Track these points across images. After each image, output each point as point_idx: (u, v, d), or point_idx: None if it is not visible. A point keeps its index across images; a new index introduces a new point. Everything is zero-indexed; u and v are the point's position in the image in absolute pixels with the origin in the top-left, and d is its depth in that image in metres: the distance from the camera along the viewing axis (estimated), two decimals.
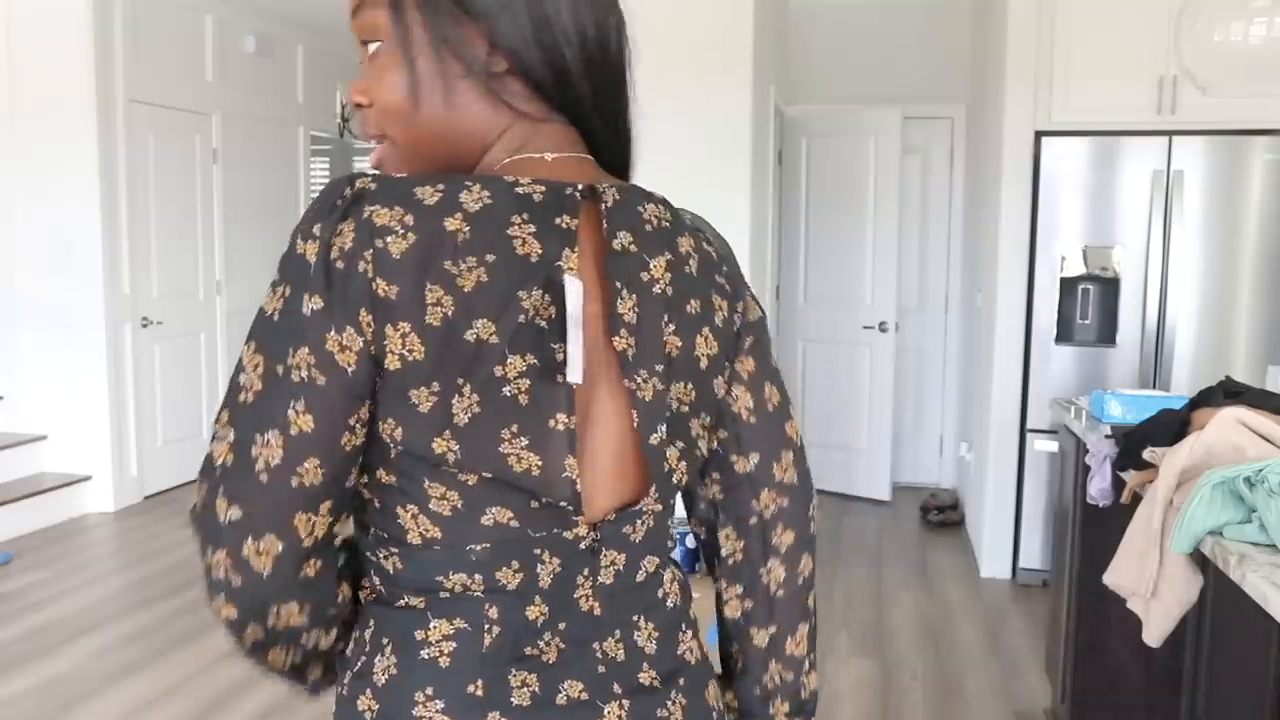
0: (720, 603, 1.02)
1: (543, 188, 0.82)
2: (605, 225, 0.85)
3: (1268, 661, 1.78)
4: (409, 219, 0.77)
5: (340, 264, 0.76)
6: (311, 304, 0.77)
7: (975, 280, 5.35)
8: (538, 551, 0.83)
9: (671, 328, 0.87)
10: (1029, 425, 4.41)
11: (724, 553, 1.01)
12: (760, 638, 1.00)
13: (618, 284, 0.84)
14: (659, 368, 0.86)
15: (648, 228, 0.88)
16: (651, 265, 0.87)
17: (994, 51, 4.75)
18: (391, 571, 0.85)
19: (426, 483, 0.81)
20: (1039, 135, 4.29)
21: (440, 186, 0.79)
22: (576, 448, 0.81)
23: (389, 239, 0.76)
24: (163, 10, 5.58)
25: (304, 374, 0.77)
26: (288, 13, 6.43)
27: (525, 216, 0.79)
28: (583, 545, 0.85)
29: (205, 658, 3.52)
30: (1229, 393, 2.23)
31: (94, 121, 5.11)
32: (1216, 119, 4.04)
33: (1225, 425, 1.95)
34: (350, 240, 0.76)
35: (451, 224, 0.77)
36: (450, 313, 0.76)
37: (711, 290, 0.92)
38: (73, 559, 4.59)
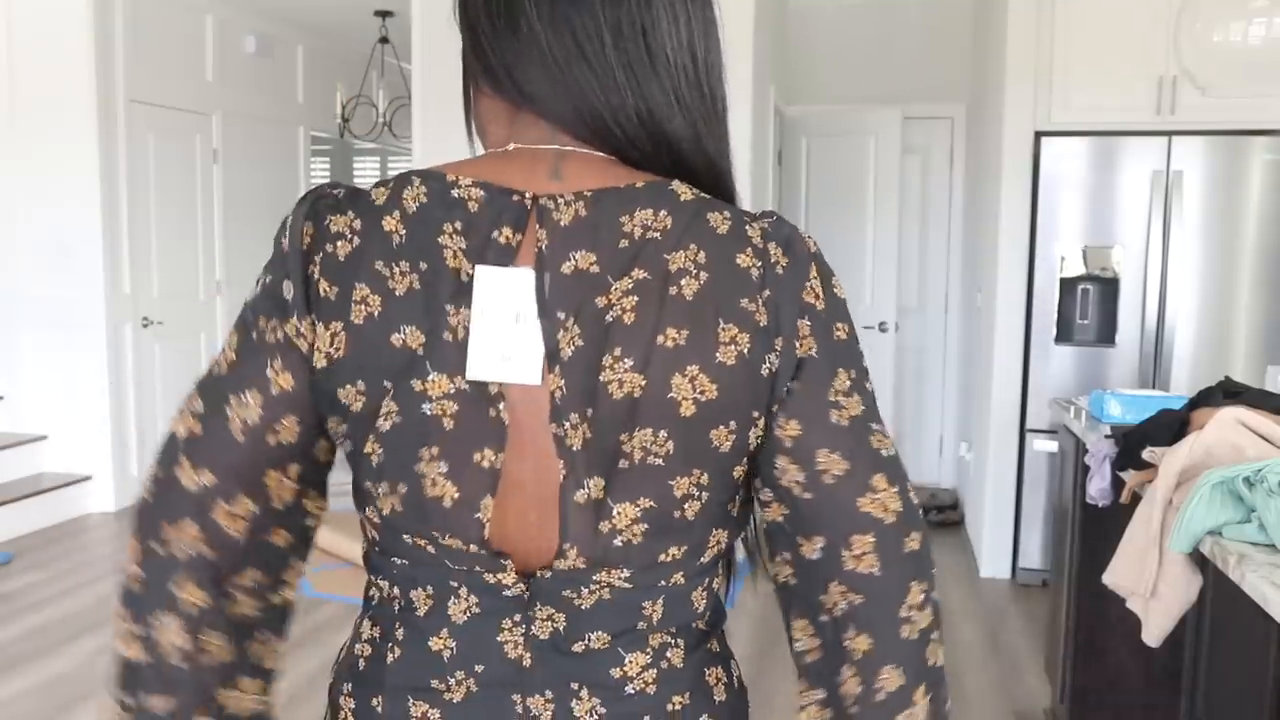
0: (798, 699, 0.86)
1: (481, 193, 0.77)
2: (548, 246, 0.75)
3: (1267, 661, 1.78)
4: (357, 223, 0.78)
5: (301, 261, 0.79)
6: (288, 287, 0.79)
7: (975, 280, 5.35)
8: (454, 584, 0.79)
9: (628, 363, 0.74)
10: (1029, 425, 4.41)
11: (798, 647, 0.83)
12: None
13: (560, 314, 0.75)
14: (589, 411, 0.74)
15: (623, 242, 0.76)
16: (612, 288, 0.75)
17: (994, 51, 4.76)
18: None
19: (367, 483, 0.80)
20: (1039, 135, 4.29)
21: (391, 185, 0.79)
22: (498, 488, 0.76)
23: (339, 244, 0.78)
24: (163, 10, 5.58)
25: (280, 337, 0.79)
26: (288, 13, 6.44)
27: (458, 226, 0.76)
28: (508, 593, 0.78)
29: None
30: (1228, 393, 2.23)
31: (94, 121, 5.11)
32: (1216, 119, 4.04)
33: (1224, 425, 1.95)
34: (310, 241, 0.79)
35: (389, 224, 0.77)
36: (377, 313, 0.76)
37: (719, 318, 0.75)
38: (73, 559, 4.59)
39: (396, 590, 0.81)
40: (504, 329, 0.74)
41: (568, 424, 0.75)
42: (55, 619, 3.88)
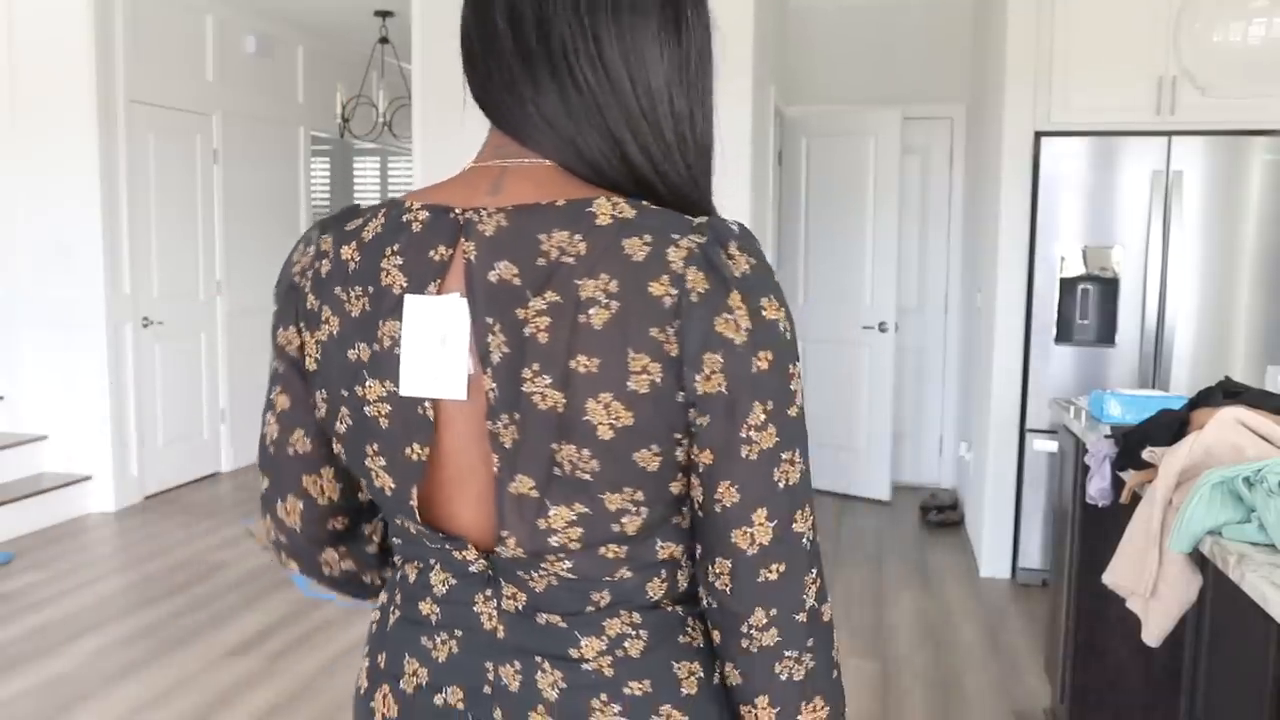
0: None
1: (425, 214, 0.83)
2: (475, 256, 0.80)
3: (1267, 661, 1.78)
4: (333, 246, 0.88)
5: (295, 279, 0.90)
6: (274, 308, 0.92)
7: (975, 280, 5.35)
8: (432, 561, 0.88)
9: (547, 380, 0.77)
10: (1028, 425, 4.41)
11: None
12: None
13: (488, 319, 0.79)
14: (517, 416, 0.78)
15: (540, 260, 0.78)
16: (529, 304, 0.78)
17: (994, 51, 4.76)
18: None
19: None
20: (1038, 135, 4.29)
21: (363, 215, 0.88)
22: (426, 477, 0.84)
23: (322, 262, 0.88)
24: (163, 10, 5.58)
25: (273, 365, 0.94)
26: (288, 13, 6.44)
27: (396, 248, 0.83)
28: (473, 569, 0.85)
29: (205, 657, 3.53)
30: (1228, 393, 2.23)
31: (95, 121, 5.12)
32: (1216, 119, 4.04)
33: (1224, 425, 1.95)
34: (306, 260, 0.90)
35: (346, 252, 0.86)
36: (336, 332, 0.86)
37: (629, 348, 0.76)
38: (73, 559, 4.59)
39: (399, 560, 0.93)
40: (431, 351, 0.81)
41: (500, 423, 0.80)
42: (55, 619, 3.88)
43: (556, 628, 0.84)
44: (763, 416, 0.79)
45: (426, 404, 0.82)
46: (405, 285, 0.82)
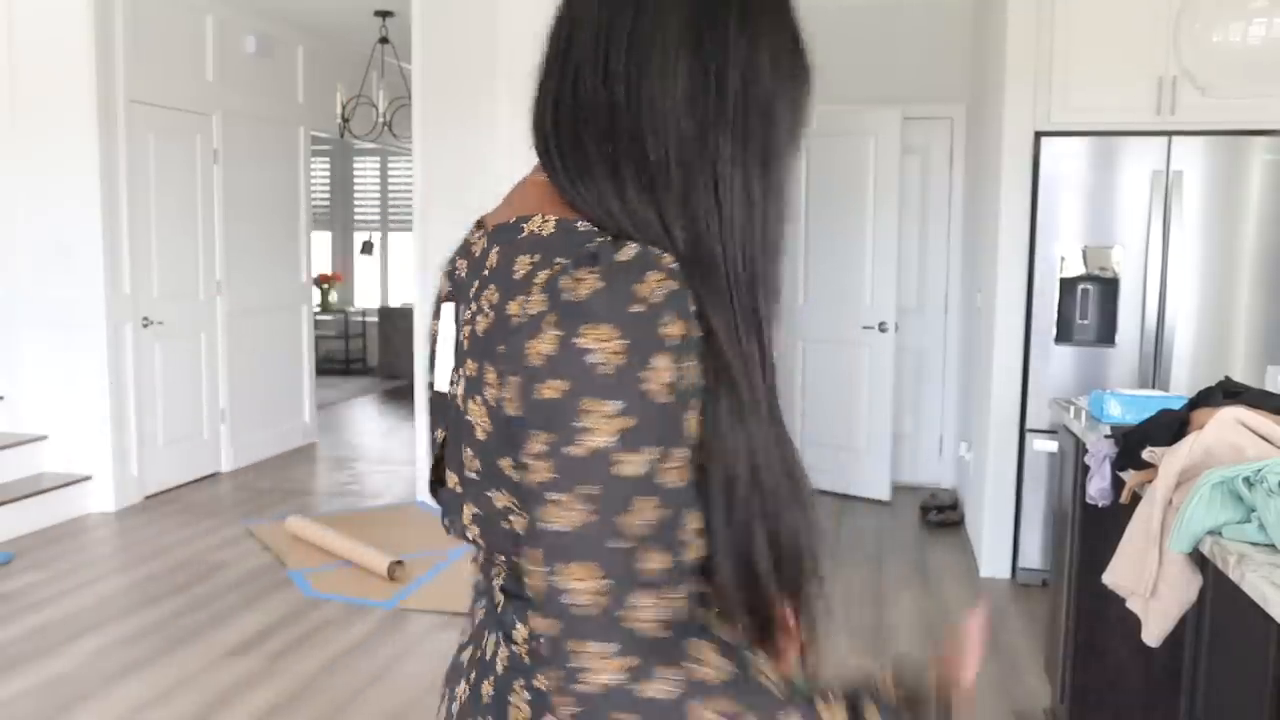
0: None
1: (482, 237, 0.89)
2: (464, 273, 0.90)
3: (1267, 661, 1.78)
4: (457, 257, 0.96)
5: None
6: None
7: (975, 280, 5.35)
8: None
9: (462, 384, 0.84)
10: (1028, 425, 4.41)
11: None
12: None
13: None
14: (452, 415, 0.86)
15: (485, 272, 0.85)
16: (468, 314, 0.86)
17: (994, 51, 4.76)
18: None
19: None
20: (1038, 135, 4.29)
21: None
22: (433, 454, 0.95)
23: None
24: (163, 11, 5.58)
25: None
26: (288, 13, 6.44)
27: (465, 263, 0.91)
28: (480, 543, 0.92)
29: (206, 657, 3.53)
30: (1228, 393, 2.23)
31: (95, 121, 5.12)
32: (1216, 119, 4.04)
33: (1224, 425, 1.95)
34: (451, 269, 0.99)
35: (460, 263, 0.94)
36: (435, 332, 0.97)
37: (486, 360, 0.80)
38: (73, 559, 4.59)
39: None
40: (450, 351, 0.90)
41: (442, 425, 0.90)
42: (55, 619, 3.88)
43: (506, 609, 0.89)
44: (539, 448, 0.73)
45: (458, 391, 0.89)
46: (448, 292, 0.93)
